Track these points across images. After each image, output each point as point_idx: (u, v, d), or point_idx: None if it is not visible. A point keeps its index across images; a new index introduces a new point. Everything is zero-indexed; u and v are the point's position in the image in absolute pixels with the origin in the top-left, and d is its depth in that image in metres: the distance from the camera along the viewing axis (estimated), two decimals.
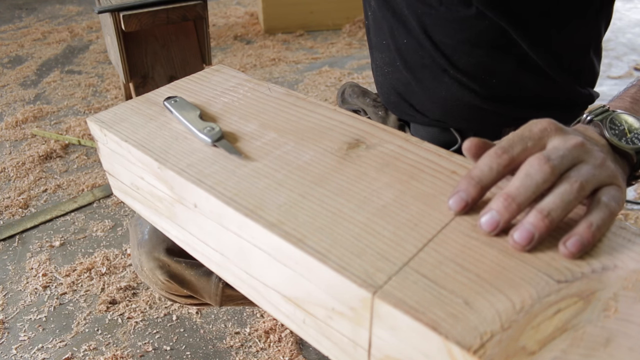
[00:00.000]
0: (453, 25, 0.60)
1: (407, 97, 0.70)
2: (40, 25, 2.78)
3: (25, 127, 1.85)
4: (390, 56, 0.69)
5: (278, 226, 0.35)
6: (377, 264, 0.32)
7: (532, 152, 0.35)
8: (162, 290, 0.71)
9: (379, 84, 0.75)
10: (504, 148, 0.35)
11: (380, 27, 0.69)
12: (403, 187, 0.38)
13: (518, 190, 0.33)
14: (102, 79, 2.18)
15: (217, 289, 0.70)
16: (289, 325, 0.39)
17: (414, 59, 0.66)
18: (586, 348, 0.27)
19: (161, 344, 1.06)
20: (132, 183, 0.49)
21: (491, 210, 0.33)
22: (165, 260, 0.66)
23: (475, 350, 0.27)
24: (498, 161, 0.34)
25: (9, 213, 1.44)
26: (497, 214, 0.33)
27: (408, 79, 0.68)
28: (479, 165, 0.35)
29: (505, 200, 0.33)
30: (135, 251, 0.68)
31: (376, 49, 0.72)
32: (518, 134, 0.36)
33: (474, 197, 0.35)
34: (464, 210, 0.35)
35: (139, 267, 0.69)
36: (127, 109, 0.51)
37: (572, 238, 0.32)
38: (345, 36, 2.53)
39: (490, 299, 0.29)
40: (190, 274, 0.68)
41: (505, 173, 0.35)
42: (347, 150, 0.43)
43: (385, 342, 0.31)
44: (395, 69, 0.69)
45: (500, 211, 0.33)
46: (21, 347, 1.06)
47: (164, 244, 0.66)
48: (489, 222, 0.33)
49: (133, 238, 0.69)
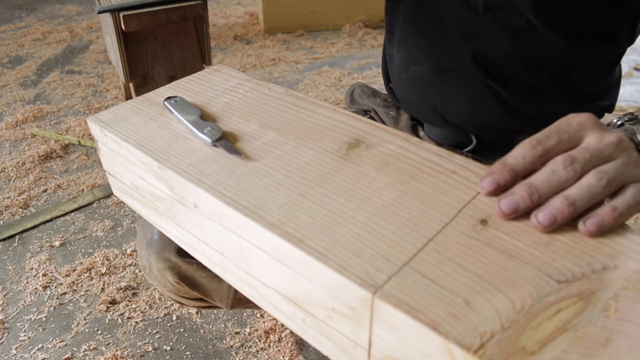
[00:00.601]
0: (498, 35, 0.59)
1: (430, 98, 0.68)
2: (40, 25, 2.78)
3: (25, 127, 1.85)
4: (420, 54, 0.67)
5: (278, 226, 0.35)
6: (377, 263, 0.32)
7: (568, 146, 0.36)
8: (170, 292, 0.69)
9: (398, 81, 0.72)
10: (539, 140, 0.36)
11: (413, 23, 0.66)
12: (403, 187, 0.38)
13: (542, 183, 0.34)
14: (102, 79, 2.18)
15: (230, 291, 0.68)
16: (289, 325, 0.39)
17: (446, 61, 0.64)
18: (586, 348, 0.27)
19: (161, 344, 1.06)
20: (132, 183, 0.49)
21: (514, 194, 0.34)
22: (176, 261, 0.64)
23: (475, 350, 0.27)
24: (532, 152, 0.35)
25: (9, 213, 1.44)
26: (520, 199, 0.34)
27: (435, 80, 0.66)
28: (513, 153, 0.36)
29: (529, 189, 0.34)
30: (143, 251, 0.66)
31: (403, 44, 0.69)
32: (555, 126, 0.36)
33: (506, 181, 0.36)
34: (495, 192, 0.36)
35: (147, 268, 0.66)
36: (127, 108, 0.51)
37: (593, 218, 0.33)
38: (345, 36, 2.53)
39: (491, 299, 0.29)
40: (201, 276, 0.66)
41: (537, 164, 0.36)
42: (347, 150, 0.43)
43: (385, 342, 0.31)
44: (423, 68, 0.67)
45: (523, 197, 0.34)
46: (21, 347, 1.06)
47: (175, 244, 0.63)
48: (509, 204, 0.34)
49: (141, 238, 0.67)
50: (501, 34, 0.59)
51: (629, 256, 0.32)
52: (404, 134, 0.44)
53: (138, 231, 0.69)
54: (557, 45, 0.58)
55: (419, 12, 0.65)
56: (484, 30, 0.59)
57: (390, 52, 0.74)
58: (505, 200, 0.35)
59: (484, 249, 0.33)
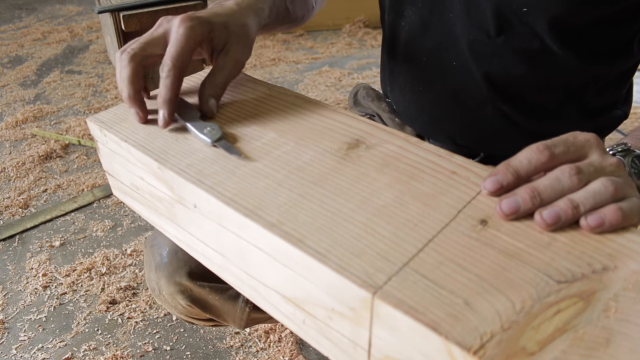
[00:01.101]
0: (510, 57, 0.58)
1: (437, 119, 0.66)
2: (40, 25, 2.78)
3: (25, 127, 1.85)
4: (429, 75, 0.65)
5: (278, 226, 0.35)
6: (377, 264, 0.32)
7: (571, 158, 0.36)
8: (181, 314, 0.67)
9: (402, 98, 0.70)
10: (547, 146, 0.36)
11: (421, 43, 0.64)
12: (403, 187, 0.38)
13: (545, 188, 0.34)
14: (102, 79, 2.18)
15: (244, 313, 0.66)
16: (288, 326, 0.39)
17: (457, 83, 0.62)
18: (586, 348, 0.27)
19: (161, 344, 1.06)
20: (131, 183, 0.49)
21: (516, 195, 0.35)
22: (188, 285, 0.62)
23: (475, 350, 0.27)
24: (538, 157, 0.35)
25: (9, 213, 1.44)
26: (522, 201, 0.34)
27: (445, 102, 0.64)
28: (519, 156, 0.36)
29: (532, 192, 0.34)
30: (152, 274, 0.64)
31: (409, 63, 0.67)
32: (563, 138, 0.36)
33: (509, 182, 0.36)
34: (497, 193, 0.36)
35: (157, 291, 0.64)
36: (127, 109, 0.51)
37: (595, 214, 0.33)
38: (345, 36, 2.53)
39: (490, 300, 0.29)
40: (214, 299, 0.64)
41: (541, 169, 0.36)
42: (347, 150, 0.43)
43: (385, 342, 0.31)
44: (431, 89, 0.65)
45: (525, 199, 0.34)
46: (21, 347, 1.06)
47: (186, 267, 0.62)
48: (510, 205, 0.34)
49: (149, 260, 0.64)
50: (514, 56, 0.57)
51: (629, 256, 0.32)
52: (404, 134, 0.44)
53: (145, 252, 0.66)
54: (572, 64, 0.57)
55: (427, 32, 0.62)
56: (497, 53, 0.58)
57: (392, 68, 0.71)
58: (506, 201, 0.35)
59: (484, 249, 0.33)
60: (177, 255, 0.62)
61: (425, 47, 0.64)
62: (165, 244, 0.63)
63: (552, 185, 0.34)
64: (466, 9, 0.57)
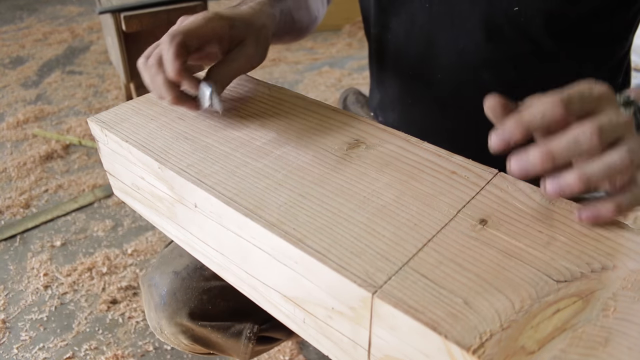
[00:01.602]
0: (501, 64, 0.56)
1: (427, 132, 0.63)
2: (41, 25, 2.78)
3: (26, 128, 1.85)
4: (416, 88, 0.63)
5: (278, 226, 0.35)
6: (377, 263, 0.32)
7: (588, 112, 0.33)
8: (184, 350, 0.66)
9: (392, 113, 0.68)
10: (563, 101, 0.33)
11: (406, 55, 0.62)
12: (403, 187, 0.38)
13: (561, 152, 0.32)
14: (103, 80, 2.19)
15: (247, 348, 0.65)
16: (289, 325, 0.39)
17: (445, 95, 0.61)
18: (585, 347, 0.27)
19: (162, 344, 1.06)
20: (132, 183, 0.49)
21: (527, 156, 0.33)
22: (189, 325, 0.60)
23: (474, 349, 0.27)
24: (553, 112, 0.33)
25: (10, 213, 1.44)
26: (531, 165, 0.33)
27: (434, 114, 0.63)
28: (532, 110, 0.33)
29: (545, 155, 0.32)
30: (152, 313, 0.62)
31: (397, 76, 0.65)
32: (578, 91, 0.34)
33: (516, 139, 0.34)
34: (504, 150, 0.34)
35: (158, 330, 0.63)
36: (128, 109, 0.51)
37: (590, 210, 0.34)
38: (345, 36, 2.53)
39: (490, 299, 0.29)
40: (217, 337, 0.62)
41: (554, 126, 0.33)
42: (347, 150, 0.43)
43: (385, 341, 0.31)
44: (420, 101, 0.63)
45: (534, 162, 0.33)
46: (22, 347, 1.06)
47: (186, 308, 0.60)
48: (520, 167, 0.33)
49: (148, 300, 0.63)
50: (505, 63, 0.56)
51: (628, 256, 0.32)
52: (404, 134, 0.44)
53: (143, 291, 0.64)
54: (565, 64, 0.56)
55: (410, 44, 0.61)
56: (487, 61, 0.57)
57: (381, 81, 0.69)
58: (516, 162, 0.33)
59: (483, 249, 0.33)
60: (175, 297, 0.60)
61: (411, 59, 0.62)
62: (164, 284, 0.61)
63: (568, 148, 0.32)
64: (450, 18, 0.56)
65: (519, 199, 0.37)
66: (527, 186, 0.38)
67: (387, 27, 0.63)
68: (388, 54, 0.65)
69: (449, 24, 0.57)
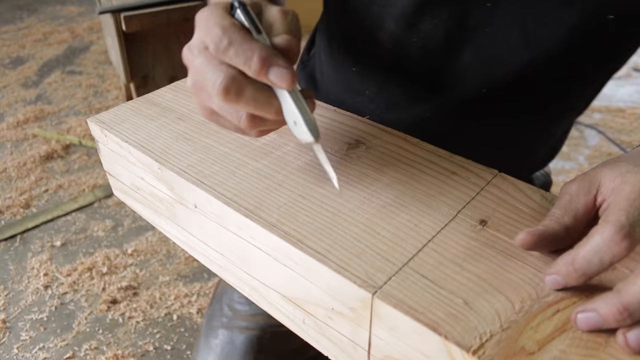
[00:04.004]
0: (472, 80, 0.50)
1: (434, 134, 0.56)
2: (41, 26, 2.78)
3: (26, 128, 1.85)
4: (401, 100, 0.56)
5: (278, 226, 0.35)
6: (377, 264, 0.32)
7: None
8: None
9: (385, 109, 0.59)
10: (626, 232, 0.27)
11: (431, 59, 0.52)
12: (403, 187, 0.38)
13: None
14: (102, 80, 2.19)
15: None
16: (289, 325, 0.39)
17: (428, 110, 0.54)
18: (585, 348, 0.27)
19: (162, 344, 1.06)
20: (132, 184, 0.49)
21: (596, 312, 0.27)
22: None
23: (474, 350, 0.27)
24: (613, 252, 0.27)
25: (10, 213, 1.45)
26: (603, 320, 0.27)
27: (452, 118, 0.55)
28: (587, 252, 0.28)
29: (621, 313, 0.27)
30: None
31: (407, 80, 0.55)
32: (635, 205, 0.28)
33: (573, 285, 0.30)
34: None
35: None
36: (128, 109, 0.51)
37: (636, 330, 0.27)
38: None
39: (490, 299, 0.29)
40: None
41: (616, 262, 0.28)
42: (347, 150, 0.43)
43: (385, 342, 0.31)
44: (401, 113, 0.56)
45: (607, 320, 0.27)
46: (22, 347, 1.06)
47: None
48: (588, 324, 0.28)
49: None
50: (475, 79, 0.50)
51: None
52: (404, 135, 0.44)
53: None
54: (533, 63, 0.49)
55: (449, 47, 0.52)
56: (458, 77, 0.51)
57: (375, 74, 0.58)
58: (585, 320, 0.28)
59: (483, 249, 0.33)
60: None
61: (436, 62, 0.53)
62: None
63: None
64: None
65: (519, 200, 0.37)
66: (527, 187, 0.38)
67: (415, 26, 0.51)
68: (410, 54, 0.53)
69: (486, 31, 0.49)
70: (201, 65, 0.34)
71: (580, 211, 0.32)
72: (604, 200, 0.32)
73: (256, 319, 0.64)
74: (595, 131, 1.81)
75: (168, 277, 1.23)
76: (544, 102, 0.54)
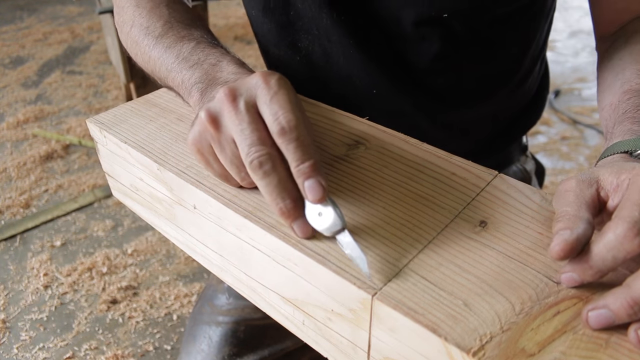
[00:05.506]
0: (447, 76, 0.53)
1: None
2: (41, 26, 2.78)
3: (26, 128, 1.85)
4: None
5: (277, 228, 0.35)
6: (377, 265, 0.32)
7: None
8: None
9: None
10: (639, 228, 0.27)
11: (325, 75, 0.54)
12: (402, 188, 0.38)
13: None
14: (102, 80, 2.19)
15: None
16: (288, 327, 0.39)
17: (397, 105, 0.56)
18: (586, 350, 0.27)
19: (162, 344, 1.06)
20: (131, 184, 0.49)
21: (608, 309, 0.27)
22: None
23: (474, 352, 0.27)
24: (627, 248, 0.27)
25: (10, 213, 1.45)
26: (615, 316, 0.27)
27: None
28: (601, 250, 0.28)
29: (630, 306, 0.27)
30: None
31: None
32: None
33: (588, 281, 0.30)
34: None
35: None
36: (127, 110, 0.51)
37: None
38: None
39: (490, 301, 0.29)
40: None
41: (629, 258, 0.28)
42: (346, 151, 0.43)
43: (385, 343, 0.31)
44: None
45: (619, 315, 0.27)
46: (22, 347, 1.06)
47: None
48: (599, 321, 0.28)
49: None
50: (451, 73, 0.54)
51: None
52: (403, 136, 0.44)
53: None
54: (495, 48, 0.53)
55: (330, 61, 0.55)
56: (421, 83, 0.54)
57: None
58: (596, 317, 0.28)
59: (483, 250, 0.33)
60: None
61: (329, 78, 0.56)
62: None
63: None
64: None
65: (519, 201, 0.37)
66: (527, 187, 0.38)
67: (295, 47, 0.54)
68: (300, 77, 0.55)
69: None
70: (243, 120, 0.33)
71: (590, 204, 0.32)
72: (608, 197, 0.32)
73: (231, 312, 0.65)
74: (595, 131, 1.81)
75: (168, 277, 1.23)
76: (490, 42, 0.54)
